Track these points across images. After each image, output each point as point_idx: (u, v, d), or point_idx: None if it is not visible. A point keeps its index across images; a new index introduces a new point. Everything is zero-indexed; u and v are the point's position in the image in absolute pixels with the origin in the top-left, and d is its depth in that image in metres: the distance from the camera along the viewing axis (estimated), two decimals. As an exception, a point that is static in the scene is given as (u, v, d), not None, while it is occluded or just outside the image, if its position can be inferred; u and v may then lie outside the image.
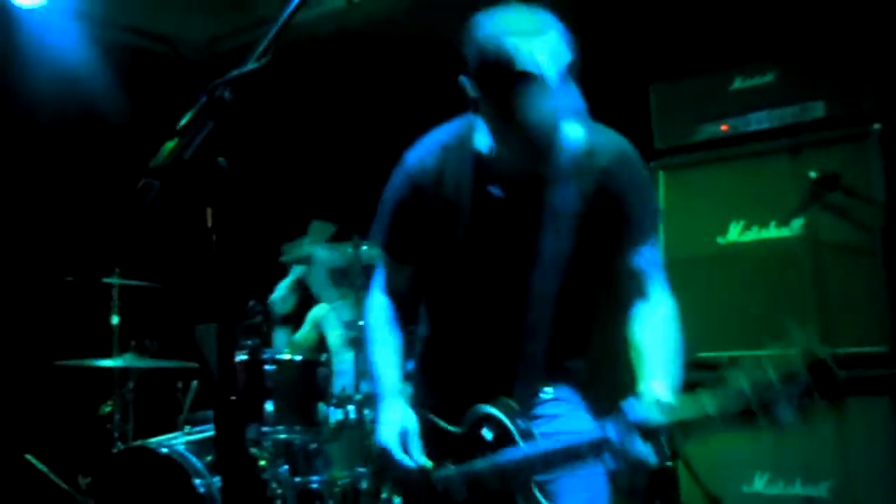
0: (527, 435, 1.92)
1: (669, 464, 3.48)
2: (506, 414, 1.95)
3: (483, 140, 1.96)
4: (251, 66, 1.14)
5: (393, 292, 2.17)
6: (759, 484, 3.32)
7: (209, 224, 1.11)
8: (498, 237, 1.96)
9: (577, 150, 1.90)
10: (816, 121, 3.29)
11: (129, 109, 4.94)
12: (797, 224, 3.28)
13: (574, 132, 1.92)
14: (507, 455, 1.90)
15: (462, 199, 1.97)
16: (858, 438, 3.11)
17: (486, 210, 1.95)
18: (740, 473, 3.37)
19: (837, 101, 3.24)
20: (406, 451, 1.97)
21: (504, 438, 1.93)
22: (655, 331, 1.88)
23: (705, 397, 1.60)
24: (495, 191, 1.94)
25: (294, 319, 4.45)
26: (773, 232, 3.34)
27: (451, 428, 2.06)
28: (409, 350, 2.24)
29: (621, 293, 1.96)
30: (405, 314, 2.18)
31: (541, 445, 1.87)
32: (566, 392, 2.05)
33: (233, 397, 1.08)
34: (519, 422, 1.93)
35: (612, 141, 1.93)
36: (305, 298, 4.48)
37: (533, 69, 1.71)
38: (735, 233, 3.44)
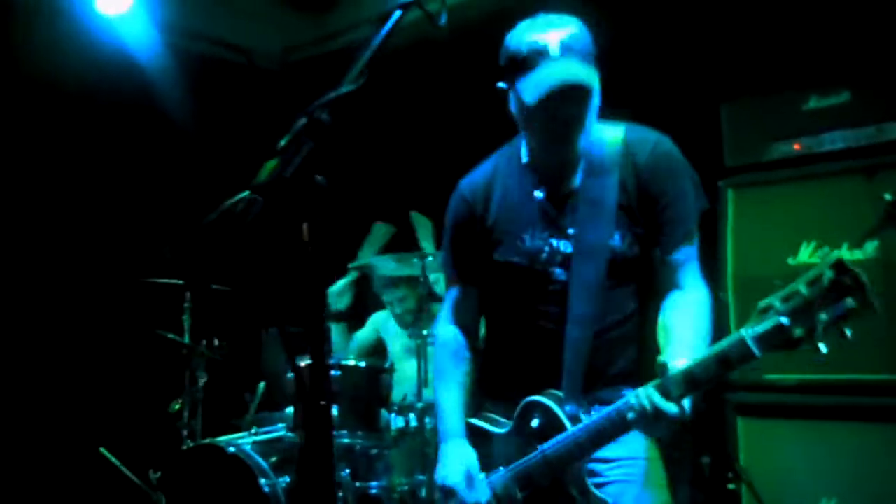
0: (575, 419, 1.97)
1: (731, 486, 3.45)
2: (553, 401, 2.01)
3: (524, 148, 2.09)
4: (347, 87, 1.19)
5: (461, 323, 2.23)
6: (825, 509, 3.26)
7: (305, 238, 1.16)
8: (543, 235, 2.04)
9: (615, 146, 2.00)
10: (893, 142, 3.22)
11: (204, 117, 5.09)
12: (871, 247, 3.22)
13: (612, 130, 2.04)
14: (557, 441, 1.95)
15: (510, 205, 2.08)
16: (931, 468, 3.03)
17: (531, 211, 2.05)
18: (805, 498, 3.30)
19: (915, 122, 3.18)
20: (470, 488, 2.03)
21: (552, 425, 1.98)
22: (684, 314, 1.93)
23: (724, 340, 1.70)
24: (538, 193, 2.05)
25: (348, 317, 4.49)
26: (845, 254, 3.27)
27: (498, 430, 2.12)
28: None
29: (658, 286, 2.01)
30: (474, 343, 2.25)
31: (585, 422, 1.92)
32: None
33: (323, 402, 1.12)
34: (567, 407, 1.99)
35: (649, 137, 2.02)
36: (361, 296, 4.54)
37: (538, 48, 1.87)
38: (806, 254, 3.38)
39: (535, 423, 2.02)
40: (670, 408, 1.74)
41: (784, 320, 1.62)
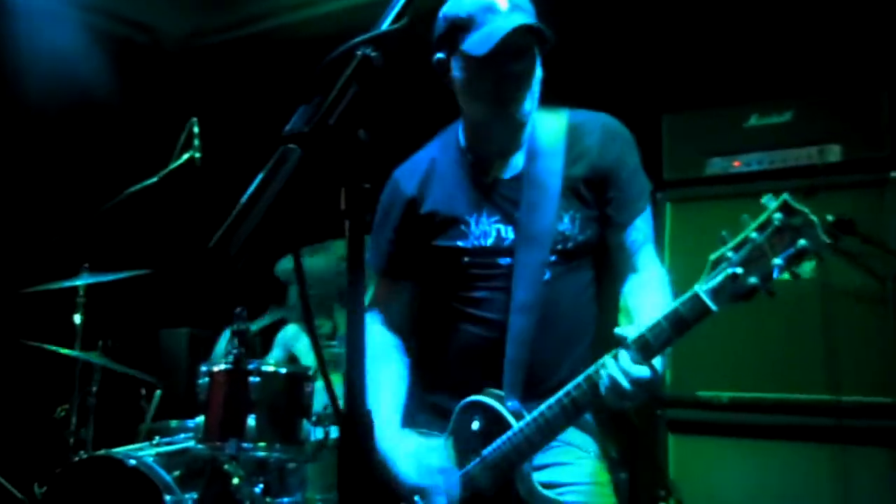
0: (518, 416, 1.84)
1: (661, 493, 3.39)
2: (494, 399, 1.87)
3: (462, 131, 2.00)
4: (387, 27, 0.98)
5: (392, 322, 2.08)
6: (754, 526, 3.24)
7: (343, 206, 0.94)
8: (490, 220, 1.93)
9: (560, 128, 1.93)
10: (832, 164, 3.25)
11: (108, 98, 4.71)
12: (808, 266, 3.22)
13: (554, 114, 1.96)
14: (502, 441, 1.82)
15: (451, 190, 1.96)
16: (858, 488, 3.06)
17: (474, 196, 1.94)
18: (735, 514, 3.28)
19: (855, 145, 3.21)
20: (432, 476, 1.85)
21: (495, 425, 1.85)
22: (645, 293, 1.87)
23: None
24: (482, 177, 1.95)
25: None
26: (783, 273, 3.27)
27: (433, 439, 1.95)
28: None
29: (615, 268, 1.95)
30: (407, 344, 2.10)
31: (532, 415, 1.80)
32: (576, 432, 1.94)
33: (361, 415, 0.91)
34: (509, 403, 1.86)
35: (595, 117, 1.96)
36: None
37: (485, 5, 1.80)
38: (742, 271, 3.37)
39: (475, 425, 1.88)
40: (643, 372, 1.66)
41: (738, 270, 1.59)
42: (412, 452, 1.88)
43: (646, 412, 3.43)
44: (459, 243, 1.94)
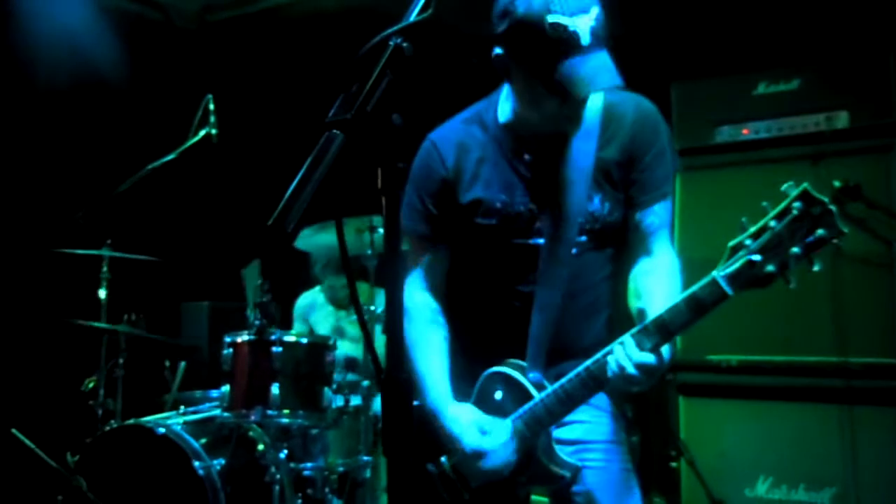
0: (540, 387, 1.90)
1: (674, 465, 3.48)
2: (516, 370, 1.93)
3: (506, 108, 1.98)
4: (416, 17, 1.04)
5: (433, 287, 2.10)
6: (762, 488, 3.34)
7: (379, 185, 1.02)
8: (522, 199, 1.96)
9: (595, 109, 1.93)
10: (839, 131, 3.29)
11: (123, 76, 4.76)
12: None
13: (592, 94, 1.92)
14: (524, 411, 1.88)
15: (487, 165, 1.98)
16: (865, 448, 3.14)
17: (510, 174, 1.96)
18: (744, 476, 3.38)
19: (862, 112, 3.25)
20: (493, 444, 1.90)
21: (517, 395, 1.91)
22: (656, 279, 1.88)
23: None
24: (524, 154, 1.96)
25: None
26: (800, 262, 3.33)
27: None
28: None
29: (628, 249, 1.97)
30: (444, 307, 2.11)
31: (553, 387, 1.86)
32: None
33: (402, 375, 0.99)
34: (531, 375, 1.92)
35: (631, 100, 1.96)
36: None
37: (574, 39, 1.70)
38: (751, 238, 3.43)
39: (497, 395, 1.94)
40: (647, 358, 1.70)
41: (755, 257, 1.62)
42: (473, 419, 1.93)
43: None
44: (494, 221, 1.97)
